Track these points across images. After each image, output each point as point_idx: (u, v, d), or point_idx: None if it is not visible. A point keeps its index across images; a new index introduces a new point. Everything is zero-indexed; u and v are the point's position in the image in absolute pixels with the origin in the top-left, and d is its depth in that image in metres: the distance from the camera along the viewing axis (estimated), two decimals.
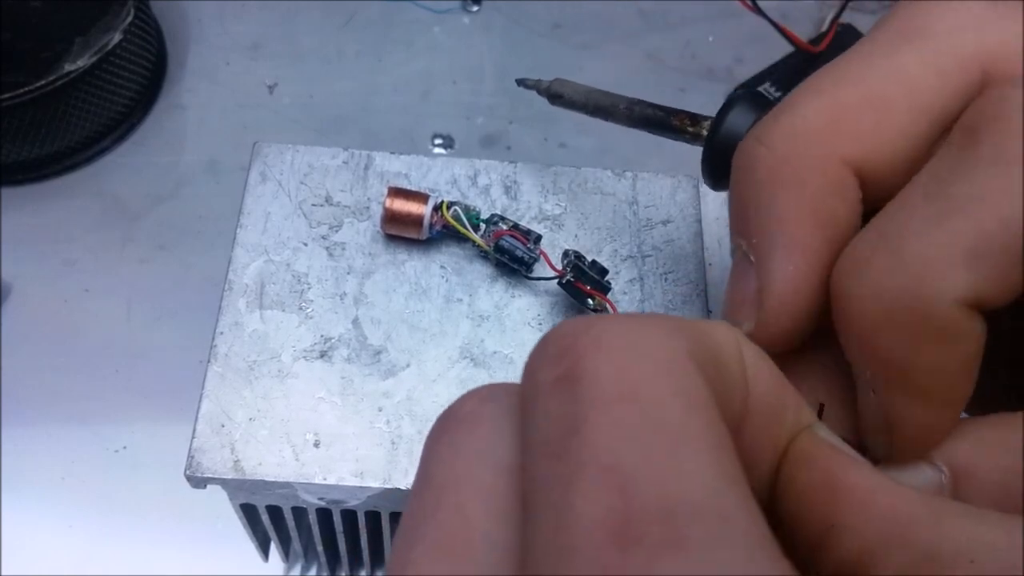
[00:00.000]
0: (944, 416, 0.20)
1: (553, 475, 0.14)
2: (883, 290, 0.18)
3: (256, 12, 0.63)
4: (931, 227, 0.18)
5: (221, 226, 0.53)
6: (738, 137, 0.30)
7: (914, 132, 0.21)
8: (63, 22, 0.52)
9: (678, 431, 0.14)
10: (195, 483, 0.30)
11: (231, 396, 0.31)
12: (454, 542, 0.15)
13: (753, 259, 0.21)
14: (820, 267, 0.20)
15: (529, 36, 0.63)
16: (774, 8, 0.58)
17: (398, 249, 0.35)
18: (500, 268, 0.35)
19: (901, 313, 0.18)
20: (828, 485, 0.17)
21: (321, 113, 0.59)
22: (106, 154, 0.56)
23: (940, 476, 0.19)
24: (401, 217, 0.34)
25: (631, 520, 0.13)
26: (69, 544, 0.44)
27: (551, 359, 0.15)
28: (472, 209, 0.35)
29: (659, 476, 0.13)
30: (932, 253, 0.18)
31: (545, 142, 0.58)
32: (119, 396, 0.48)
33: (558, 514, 0.13)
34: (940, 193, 0.19)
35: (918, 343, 0.18)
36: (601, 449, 0.14)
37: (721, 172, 0.29)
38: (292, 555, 0.43)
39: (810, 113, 0.21)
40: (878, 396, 0.20)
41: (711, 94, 0.61)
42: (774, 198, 0.21)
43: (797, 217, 0.21)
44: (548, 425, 0.15)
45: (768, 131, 0.22)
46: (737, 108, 0.29)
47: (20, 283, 0.51)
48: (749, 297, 0.21)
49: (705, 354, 0.16)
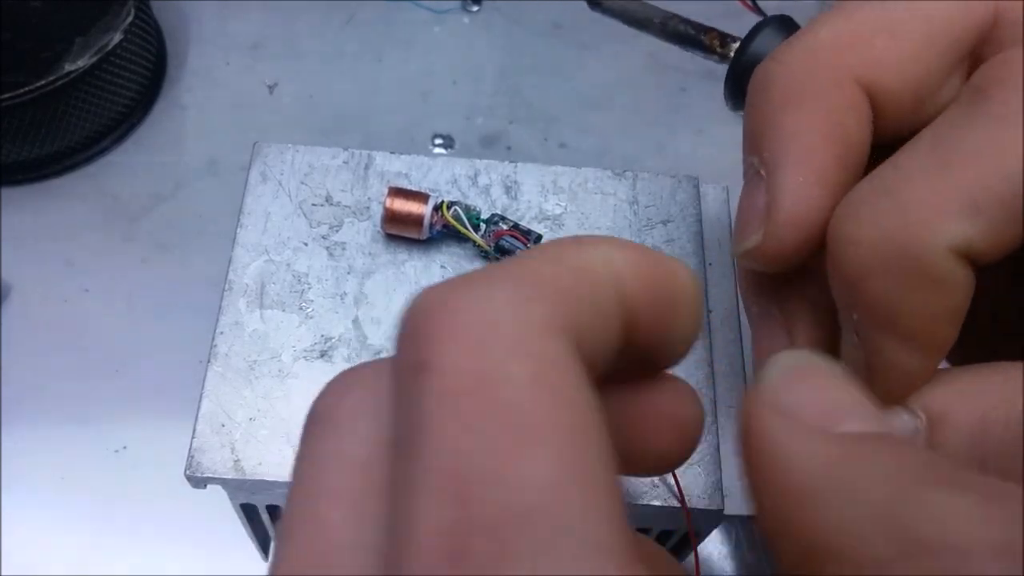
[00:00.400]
0: (926, 362, 0.20)
1: (401, 479, 0.13)
2: (877, 232, 0.19)
3: (256, 12, 0.63)
4: (931, 175, 0.19)
5: (221, 226, 0.53)
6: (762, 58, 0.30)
7: (926, 58, 0.21)
8: (63, 22, 0.52)
9: (526, 423, 0.13)
10: (195, 483, 0.30)
11: (231, 396, 0.31)
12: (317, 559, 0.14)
13: (764, 173, 0.21)
14: (829, 181, 0.21)
15: (529, 36, 0.63)
16: (774, 8, 0.58)
17: (398, 249, 0.35)
18: None
19: (893, 256, 0.18)
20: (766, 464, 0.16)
21: (321, 113, 0.59)
22: (106, 154, 0.56)
23: (916, 421, 0.19)
24: (401, 217, 0.34)
25: (463, 533, 0.12)
26: (69, 544, 0.44)
27: (407, 341, 0.15)
28: (472, 209, 0.35)
29: (496, 479, 0.12)
30: (930, 199, 0.18)
31: (545, 142, 0.58)
32: (119, 396, 0.48)
33: (399, 525, 0.13)
34: (944, 144, 0.19)
35: (907, 287, 0.18)
36: (444, 451, 0.13)
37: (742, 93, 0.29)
38: None
39: (826, 33, 0.22)
40: (862, 339, 0.20)
41: (711, 94, 0.61)
42: (787, 113, 0.21)
43: (808, 131, 0.21)
44: (401, 421, 0.14)
45: (786, 50, 0.22)
46: (765, 31, 0.29)
47: (20, 283, 0.51)
48: (758, 211, 0.21)
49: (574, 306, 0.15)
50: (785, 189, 0.21)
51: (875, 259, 0.19)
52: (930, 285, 0.18)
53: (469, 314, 0.14)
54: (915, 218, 0.18)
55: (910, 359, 0.19)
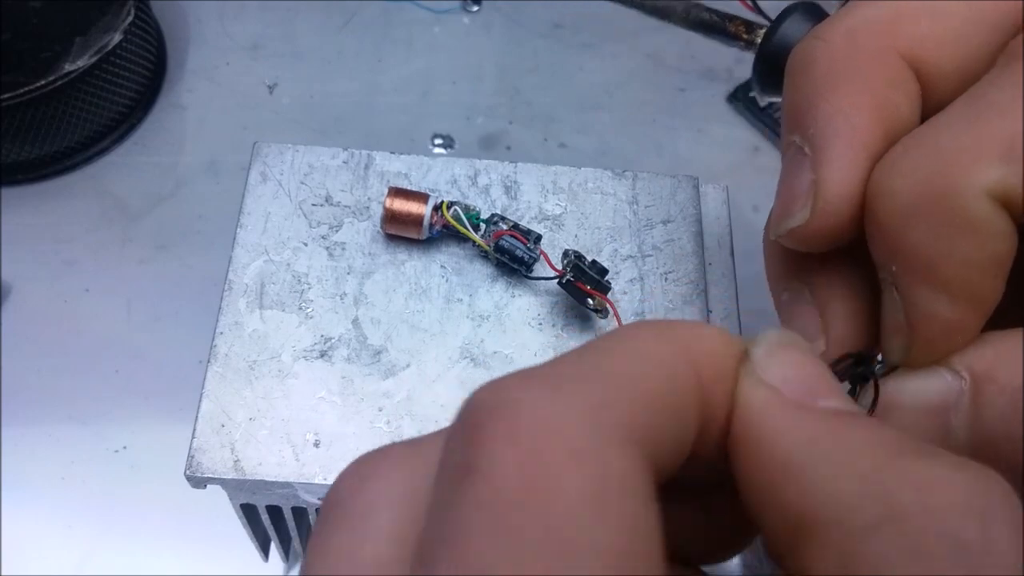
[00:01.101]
0: (968, 316, 0.19)
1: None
2: (914, 179, 0.19)
3: (256, 12, 0.63)
4: (968, 123, 0.18)
5: (221, 226, 0.53)
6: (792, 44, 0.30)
7: (972, 36, 0.21)
8: (63, 22, 0.52)
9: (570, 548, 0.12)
10: (195, 483, 0.30)
11: (231, 396, 0.31)
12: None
13: (809, 151, 0.21)
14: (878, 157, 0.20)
15: (529, 36, 0.63)
16: (774, 8, 0.58)
17: (398, 249, 0.35)
18: (500, 268, 0.35)
19: (930, 202, 0.18)
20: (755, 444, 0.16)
21: (321, 113, 0.59)
22: (106, 154, 0.56)
23: (960, 382, 0.19)
24: (401, 217, 0.34)
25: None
26: (69, 544, 0.44)
27: (457, 437, 0.14)
28: (472, 209, 0.35)
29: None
30: (966, 145, 0.18)
31: (545, 142, 0.58)
32: (119, 396, 0.48)
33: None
34: (979, 99, 0.19)
35: (945, 233, 0.18)
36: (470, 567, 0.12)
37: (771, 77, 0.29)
38: (292, 555, 0.43)
39: (869, 11, 0.21)
40: (902, 293, 0.19)
41: (711, 94, 0.61)
42: (834, 90, 0.21)
43: (855, 107, 0.20)
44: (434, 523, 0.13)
45: (827, 28, 0.22)
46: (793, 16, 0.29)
47: (20, 283, 0.51)
48: (803, 189, 0.21)
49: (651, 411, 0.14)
50: (833, 166, 0.20)
51: (912, 206, 0.19)
52: (967, 230, 0.18)
53: (526, 418, 0.13)
54: (951, 163, 0.18)
55: (950, 311, 0.19)
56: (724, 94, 0.61)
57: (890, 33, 0.21)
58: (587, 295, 0.33)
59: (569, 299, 0.33)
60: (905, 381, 0.20)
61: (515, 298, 0.34)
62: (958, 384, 0.19)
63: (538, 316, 0.34)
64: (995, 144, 0.18)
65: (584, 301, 0.33)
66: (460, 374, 0.32)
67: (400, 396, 0.32)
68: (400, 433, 0.31)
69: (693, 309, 0.34)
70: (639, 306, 0.34)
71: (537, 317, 0.34)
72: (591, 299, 0.33)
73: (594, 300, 0.33)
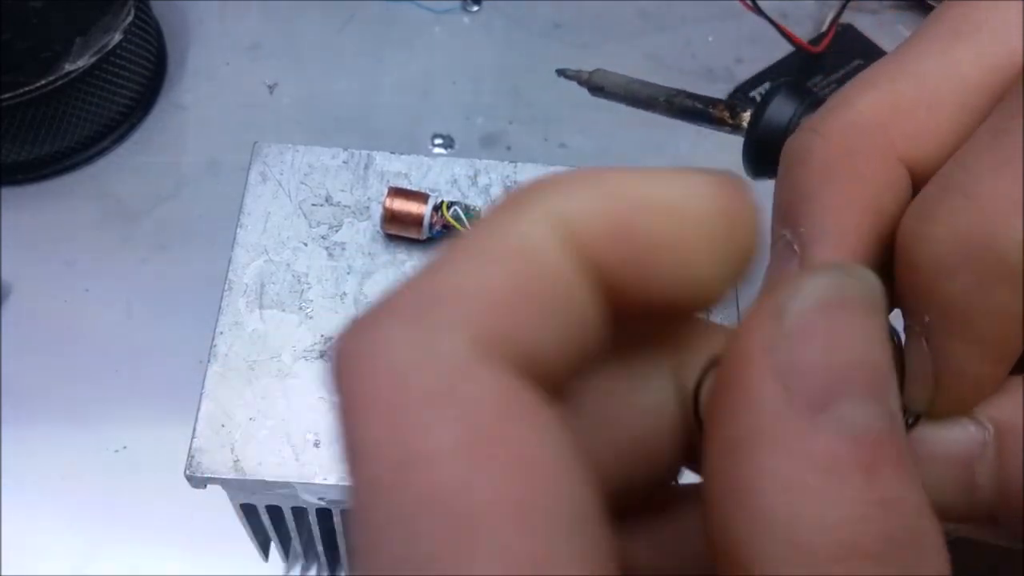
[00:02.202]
0: (996, 368, 0.19)
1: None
2: (953, 229, 0.18)
3: (256, 12, 0.63)
4: (1003, 167, 0.18)
5: (221, 226, 0.53)
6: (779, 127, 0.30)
7: (963, 125, 0.21)
8: (63, 22, 0.52)
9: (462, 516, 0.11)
10: (195, 483, 0.30)
11: (231, 396, 0.31)
12: None
13: (797, 248, 0.21)
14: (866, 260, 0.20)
15: (529, 36, 0.63)
16: (774, 8, 0.58)
17: (398, 249, 0.35)
18: None
19: (971, 252, 0.18)
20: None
21: (321, 113, 0.59)
22: (106, 154, 0.56)
23: (984, 433, 0.19)
24: (401, 217, 0.34)
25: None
26: (69, 544, 0.44)
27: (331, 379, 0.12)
28: (472, 208, 0.35)
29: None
30: (1005, 192, 0.18)
31: (545, 142, 0.58)
32: (119, 396, 0.48)
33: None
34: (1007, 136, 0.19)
35: (985, 285, 0.18)
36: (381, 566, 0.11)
37: (761, 161, 0.29)
38: (292, 555, 0.43)
39: (866, 107, 0.21)
40: (932, 345, 0.19)
41: (711, 94, 0.61)
42: (828, 188, 0.21)
43: (850, 208, 0.20)
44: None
45: (824, 122, 0.22)
46: (777, 99, 0.29)
47: (20, 283, 0.51)
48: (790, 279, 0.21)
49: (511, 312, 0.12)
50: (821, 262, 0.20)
51: (951, 255, 0.18)
52: (1009, 282, 0.18)
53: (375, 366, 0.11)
54: (991, 212, 0.18)
55: (982, 365, 0.19)
56: (724, 94, 0.61)
57: (888, 132, 0.21)
58: None
59: None
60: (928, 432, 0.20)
61: None
62: (982, 435, 0.19)
63: None
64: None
65: None
66: None
67: None
68: None
69: None
70: None
71: None
72: None
73: None
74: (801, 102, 0.30)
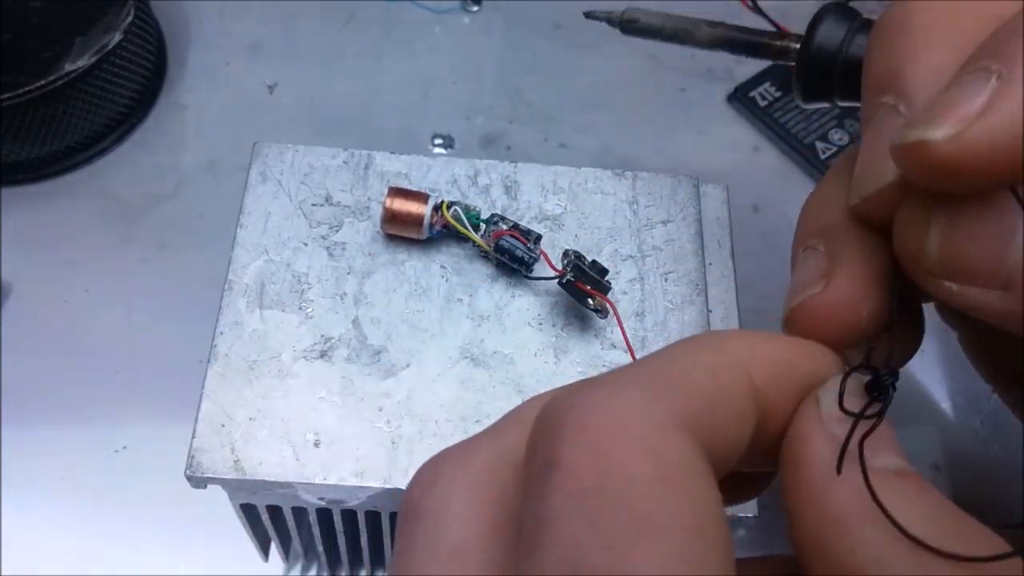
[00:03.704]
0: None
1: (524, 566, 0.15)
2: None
3: (256, 12, 0.63)
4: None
5: (221, 226, 0.52)
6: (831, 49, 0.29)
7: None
8: (63, 22, 0.52)
9: (644, 520, 0.14)
10: (195, 483, 0.30)
11: (231, 396, 0.31)
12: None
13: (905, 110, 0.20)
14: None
15: (529, 36, 0.63)
16: (774, 8, 0.58)
17: (398, 249, 0.35)
18: (500, 268, 0.35)
19: None
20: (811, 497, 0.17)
21: (321, 113, 0.59)
22: (106, 154, 0.56)
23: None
24: (401, 217, 0.34)
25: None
26: (69, 544, 0.44)
27: (538, 441, 0.16)
28: (472, 209, 0.35)
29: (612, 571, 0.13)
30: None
31: (545, 142, 0.58)
32: (119, 396, 0.48)
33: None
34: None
35: None
36: (565, 545, 0.14)
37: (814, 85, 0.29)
38: (292, 555, 0.43)
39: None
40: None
41: (711, 94, 0.61)
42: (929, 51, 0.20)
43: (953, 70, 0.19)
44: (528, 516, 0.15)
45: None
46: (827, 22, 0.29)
47: (20, 283, 0.51)
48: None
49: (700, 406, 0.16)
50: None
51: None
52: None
53: (594, 416, 0.15)
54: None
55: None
56: (724, 94, 0.61)
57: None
58: (587, 295, 0.33)
59: (569, 299, 0.33)
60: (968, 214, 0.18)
61: (515, 298, 0.34)
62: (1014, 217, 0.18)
63: (538, 316, 0.34)
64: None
65: (584, 301, 0.33)
66: (460, 374, 0.32)
67: (400, 396, 0.32)
68: (400, 433, 0.31)
69: (693, 309, 0.34)
70: (639, 306, 0.34)
71: (537, 317, 0.34)
72: (591, 299, 0.33)
73: (594, 300, 0.33)
74: (851, 23, 0.30)
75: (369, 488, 0.30)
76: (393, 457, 0.31)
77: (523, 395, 0.32)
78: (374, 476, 0.30)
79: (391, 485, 0.30)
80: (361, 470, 0.30)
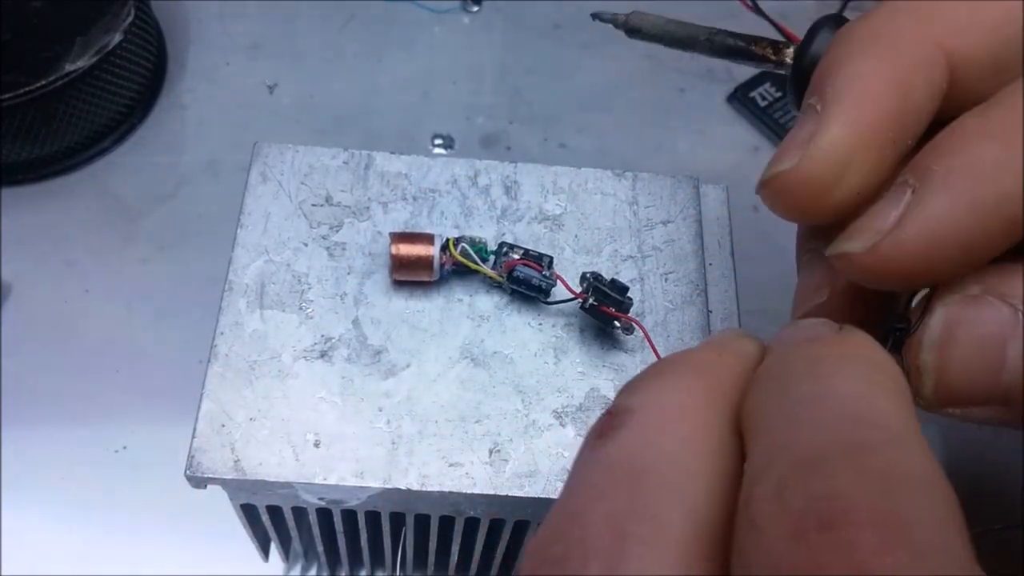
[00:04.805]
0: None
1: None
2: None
3: (256, 12, 0.63)
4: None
5: (221, 226, 0.52)
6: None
7: (1004, 33, 0.21)
8: (63, 22, 0.52)
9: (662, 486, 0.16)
10: (195, 483, 0.30)
11: (231, 396, 0.31)
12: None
13: (819, 108, 0.21)
14: (882, 129, 0.20)
15: (529, 36, 0.63)
16: (774, 8, 0.58)
17: None
18: (514, 296, 0.34)
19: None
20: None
21: (321, 113, 0.59)
22: (106, 154, 0.56)
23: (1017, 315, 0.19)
24: (411, 262, 0.33)
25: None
26: (69, 544, 0.44)
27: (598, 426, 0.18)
28: (478, 241, 0.34)
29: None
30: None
31: (545, 142, 0.58)
32: (119, 396, 0.48)
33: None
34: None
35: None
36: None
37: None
38: (292, 555, 0.43)
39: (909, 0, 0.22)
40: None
41: (711, 94, 0.61)
42: (861, 59, 0.21)
43: (875, 76, 0.21)
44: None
45: (867, 13, 0.22)
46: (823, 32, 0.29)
47: (20, 283, 0.51)
48: (801, 139, 0.21)
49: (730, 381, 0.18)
50: (835, 119, 0.20)
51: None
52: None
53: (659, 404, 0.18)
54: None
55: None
56: (724, 94, 0.61)
57: (927, 18, 0.21)
58: (612, 318, 0.32)
59: (569, 299, 0.33)
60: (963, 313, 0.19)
61: (515, 298, 0.34)
62: (1015, 316, 0.19)
63: (538, 317, 0.34)
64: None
65: (610, 324, 0.32)
66: (460, 374, 0.32)
67: (400, 396, 0.32)
68: (400, 433, 0.31)
69: (693, 309, 0.34)
70: (639, 306, 0.34)
71: (537, 318, 0.34)
72: (617, 321, 0.32)
73: (620, 322, 0.32)
74: None
75: (369, 488, 0.30)
76: (393, 457, 0.31)
77: (523, 395, 0.32)
78: (374, 476, 0.30)
79: (391, 485, 0.30)
80: (361, 470, 0.30)
